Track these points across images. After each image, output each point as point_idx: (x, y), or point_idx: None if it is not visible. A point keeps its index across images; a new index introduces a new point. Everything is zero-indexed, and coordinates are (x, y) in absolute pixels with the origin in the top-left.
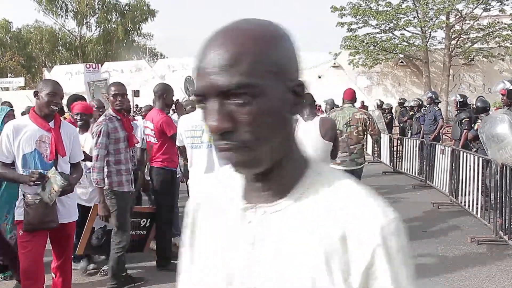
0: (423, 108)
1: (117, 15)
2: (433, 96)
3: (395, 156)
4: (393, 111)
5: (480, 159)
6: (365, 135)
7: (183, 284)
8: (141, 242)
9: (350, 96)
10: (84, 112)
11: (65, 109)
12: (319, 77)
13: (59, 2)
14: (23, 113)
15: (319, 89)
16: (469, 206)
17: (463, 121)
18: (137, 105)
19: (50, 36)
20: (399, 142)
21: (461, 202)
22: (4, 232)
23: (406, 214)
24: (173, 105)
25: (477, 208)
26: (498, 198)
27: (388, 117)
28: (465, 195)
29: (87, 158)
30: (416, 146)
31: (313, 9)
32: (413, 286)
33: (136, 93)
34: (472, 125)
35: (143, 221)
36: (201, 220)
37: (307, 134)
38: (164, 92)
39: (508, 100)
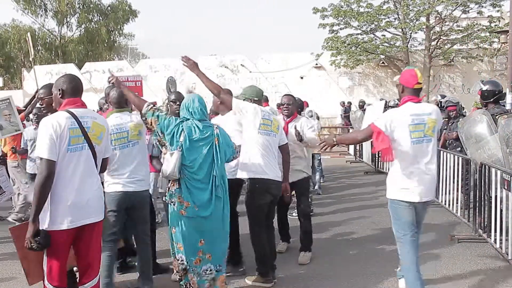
0: None
1: (99, 15)
2: None
3: (376, 156)
4: None
5: (460, 158)
6: None
7: None
8: None
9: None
10: None
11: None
12: (301, 78)
13: (37, 1)
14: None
15: (301, 90)
16: (449, 205)
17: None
18: None
19: None
20: None
21: (442, 201)
22: None
23: (387, 213)
24: None
25: (457, 206)
26: (477, 197)
27: None
28: (445, 194)
29: None
30: None
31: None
32: None
33: None
34: (450, 125)
35: None
36: None
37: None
38: None
39: (482, 101)
